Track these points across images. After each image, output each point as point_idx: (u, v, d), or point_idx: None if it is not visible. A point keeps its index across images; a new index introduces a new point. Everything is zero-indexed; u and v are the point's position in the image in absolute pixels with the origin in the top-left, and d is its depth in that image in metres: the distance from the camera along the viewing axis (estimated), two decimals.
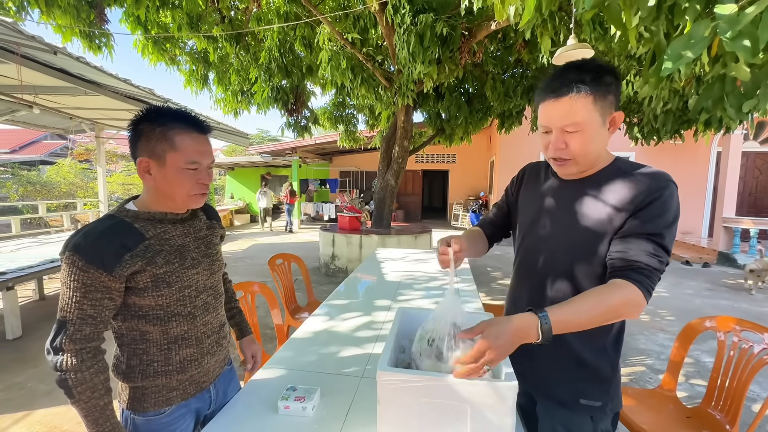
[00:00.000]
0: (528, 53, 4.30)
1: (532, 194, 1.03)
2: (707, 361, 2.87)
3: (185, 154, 0.85)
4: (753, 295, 4.95)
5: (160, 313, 0.88)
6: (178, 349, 0.92)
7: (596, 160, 0.88)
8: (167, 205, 0.91)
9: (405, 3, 3.46)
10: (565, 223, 0.91)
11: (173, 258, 0.89)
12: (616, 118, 0.83)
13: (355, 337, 1.54)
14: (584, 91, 0.79)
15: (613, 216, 0.83)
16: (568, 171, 0.89)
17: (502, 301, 4.48)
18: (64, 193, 11.27)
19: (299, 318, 2.50)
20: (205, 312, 0.97)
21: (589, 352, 0.91)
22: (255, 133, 30.26)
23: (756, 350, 1.33)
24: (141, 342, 0.89)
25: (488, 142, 12.02)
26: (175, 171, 0.85)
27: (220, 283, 1.06)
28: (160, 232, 0.89)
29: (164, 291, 0.87)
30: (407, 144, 5.44)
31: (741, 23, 0.89)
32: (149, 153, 0.85)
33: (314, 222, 12.64)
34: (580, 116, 0.80)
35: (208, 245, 1.01)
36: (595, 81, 0.79)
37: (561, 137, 0.83)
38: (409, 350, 0.96)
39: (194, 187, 0.89)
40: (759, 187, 8.50)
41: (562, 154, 0.85)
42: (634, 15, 1.19)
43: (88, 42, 4.20)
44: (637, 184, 0.82)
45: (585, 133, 0.81)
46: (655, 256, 0.78)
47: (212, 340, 0.99)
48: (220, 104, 5.99)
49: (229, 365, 1.13)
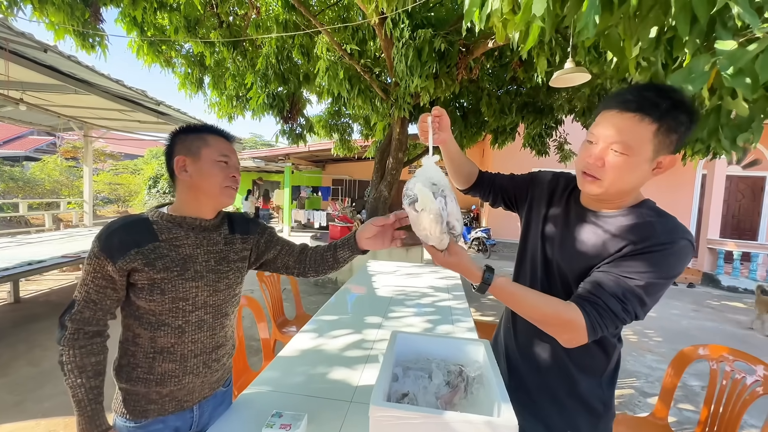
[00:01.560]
0: (523, 72, 4.37)
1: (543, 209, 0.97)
2: (694, 384, 2.88)
3: (217, 148, 0.92)
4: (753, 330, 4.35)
5: (151, 319, 0.88)
6: (162, 360, 0.89)
7: (624, 195, 0.81)
8: (198, 206, 0.93)
9: (404, 17, 3.50)
10: (571, 249, 0.87)
11: (174, 266, 0.87)
12: (665, 163, 0.75)
13: (345, 357, 1.50)
14: (653, 117, 0.71)
15: (609, 249, 0.79)
16: (591, 190, 0.80)
17: (492, 317, 4.48)
18: (48, 191, 10.98)
19: (287, 332, 2.43)
20: (197, 329, 0.92)
21: (584, 383, 0.90)
22: (248, 137, 30.12)
23: (748, 381, 1.33)
24: (132, 344, 0.90)
25: (481, 156, 12.15)
26: (210, 163, 0.90)
27: (228, 303, 0.99)
28: (173, 237, 0.89)
29: (156, 297, 0.86)
30: (402, 156, 5.45)
31: (742, 60, 0.90)
32: (185, 151, 0.90)
33: (305, 229, 12.53)
34: (634, 140, 0.72)
35: (221, 260, 0.96)
36: (669, 112, 0.71)
37: (603, 153, 0.76)
38: (402, 378, 0.93)
39: (226, 180, 0.92)
40: (742, 210, 8.73)
41: (595, 171, 0.77)
42: (635, 45, 1.21)
43: (82, 41, 4.13)
44: (649, 227, 0.77)
45: (629, 161, 0.74)
46: (622, 302, 0.73)
47: (200, 360, 0.94)
48: (214, 108, 5.94)
49: (225, 387, 1.08)
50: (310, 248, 1.13)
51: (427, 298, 2.36)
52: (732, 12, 1.06)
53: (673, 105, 0.71)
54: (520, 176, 1.10)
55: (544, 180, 1.02)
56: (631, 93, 0.74)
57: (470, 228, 9.87)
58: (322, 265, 1.09)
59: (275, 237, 1.12)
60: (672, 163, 0.76)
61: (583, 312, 0.73)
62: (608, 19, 1.19)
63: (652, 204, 0.83)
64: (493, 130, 6.01)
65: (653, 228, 0.77)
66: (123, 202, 14.19)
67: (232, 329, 1.06)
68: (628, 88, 0.76)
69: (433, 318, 1.99)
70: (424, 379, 0.93)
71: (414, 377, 0.94)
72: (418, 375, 0.93)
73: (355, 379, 1.31)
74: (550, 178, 1.02)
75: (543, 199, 0.98)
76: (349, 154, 7.31)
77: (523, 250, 1.02)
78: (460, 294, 2.43)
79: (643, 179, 0.78)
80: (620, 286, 0.74)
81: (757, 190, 8.62)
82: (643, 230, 0.77)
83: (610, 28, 1.28)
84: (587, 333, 0.73)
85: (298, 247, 1.13)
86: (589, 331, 0.73)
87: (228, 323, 1.01)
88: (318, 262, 1.09)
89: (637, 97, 0.73)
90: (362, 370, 1.38)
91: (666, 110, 0.71)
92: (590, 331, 0.73)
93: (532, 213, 1.01)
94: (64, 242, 4.47)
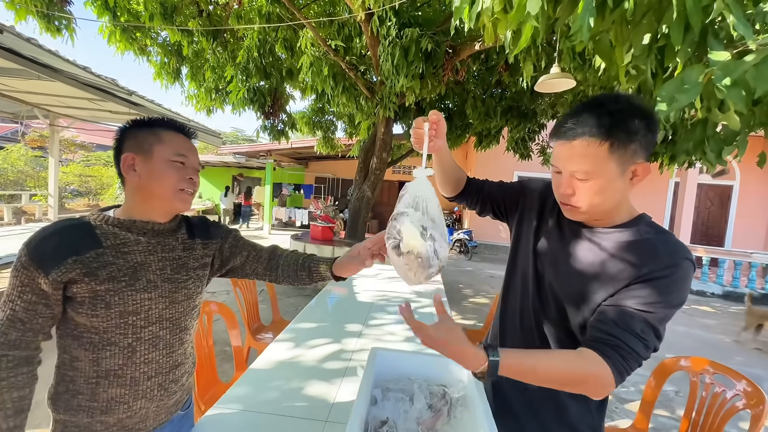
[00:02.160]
0: (509, 76, 4.38)
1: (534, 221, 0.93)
2: (668, 389, 2.94)
3: (173, 146, 0.82)
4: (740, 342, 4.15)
5: (94, 339, 0.76)
6: (107, 386, 0.78)
7: (611, 212, 0.78)
8: (148, 210, 0.83)
9: (391, 15, 3.43)
10: (566, 269, 0.82)
11: (121, 275, 0.76)
12: (639, 171, 0.72)
13: (322, 369, 1.42)
14: (599, 137, 0.68)
15: (616, 276, 0.74)
16: (574, 217, 0.80)
17: (473, 320, 4.47)
18: (11, 181, 10.35)
19: (262, 339, 2.32)
20: (151, 348, 0.81)
21: (574, 409, 0.85)
22: (229, 131, 29.39)
23: (728, 395, 1.33)
24: (70, 368, 0.78)
25: (465, 159, 12.22)
26: (162, 163, 0.80)
27: (188, 315, 0.89)
28: (120, 242, 0.78)
29: (100, 312, 0.74)
30: (386, 156, 5.38)
31: (737, 72, 0.87)
32: (135, 148, 0.80)
33: (286, 227, 12.30)
34: (590, 165, 0.70)
35: (179, 268, 0.86)
36: (616, 126, 0.68)
37: (569, 182, 0.74)
38: (381, 402, 0.86)
39: (181, 182, 0.82)
40: (710, 217, 9.12)
41: (569, 200, 0.76)
42: (626, 52, 1.18)
43: (46, 23, 3.86)
44: (651, 252, 0.72)
45: (596, 184, 0.71)
46: (642, 339, 0.68)
47: (154, 382, 0.83)
48: (192, 100, 5.69)
49: (184, 410, 0.96)
50: (282, 255, 1.04)
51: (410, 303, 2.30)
52: (724, 23, 1.04)
53: (617, 117, 0.68)
54: (510, 184, 1.05)
55: (535, 190, 0.97)
56: (568, 120, 0.72)
57: (452, 230, 9.90)
58: (297, 281, 1.01)
59: (241, 242, 1.03)
60: (647, 170, 0.72)
61: (606, 360, 0.67)
62: (600, 23, 1.15)
63: (648, 219, 0.80)
64: (478, 133, 6.03)
65: (655, 248, 0.73)
66: (94, 195, 13.56)
67: (192, 345, 0.95)
68: (564, 116, 0.74)
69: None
70: (405, 402, 0.86)
71: (394, 400, 0.87)
72: (399, 398, 0.87)
73: (331, 395, 1.23)
74: (541, 189, 0.96)
75: (534, 210, 0.94)
76: (333, 152, 7.19)
77: (513, 265, 0.97)
78: (442, 300, 2.38)
79: (623, 192, 0.75)
80: (637, 323, 0.69)
81: (725, 198, 9.02)
82: (644, 251, 0.73)
83: (602, 34, 1.25)
84: (615, 381, 0.67)
85: (266, 252, 1.04)
86: (617, 378, 0.67)
87: (187, 338, 0.91)
88: (291, 276, 1.01)
89: (576, 123, 0.71)
90: (339, 385, 1.30)
91: (611, 125, 0.68)
92: (617, 378, 0.67)
93: (522, 225, 0.96)
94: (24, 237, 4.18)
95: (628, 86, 1.51)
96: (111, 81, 3.96)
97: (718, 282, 6.75)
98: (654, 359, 3.70)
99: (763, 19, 0.95)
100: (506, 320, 0.97)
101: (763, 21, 0.95)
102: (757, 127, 1.13)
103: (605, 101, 0.71)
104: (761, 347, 4.14)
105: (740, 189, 8.85)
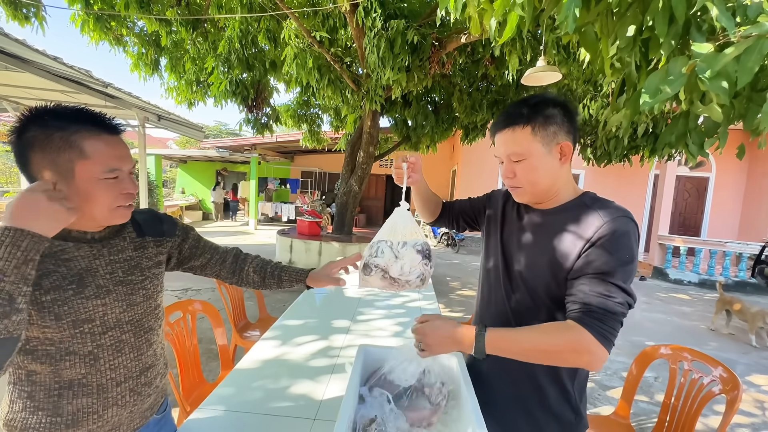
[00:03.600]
0: (495, 69, 4.39)
1: (498, 218, 1.02)
2: (648, 375, 3.04)
3: (101, 161, 0.70)
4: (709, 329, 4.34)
5: (50, 350, 0.70)
6: (72, 397, 0.73)
7: (551, 190, 0.87)
8: (78, 224, 0.74)
9: (377, 6, 3.37)
10: (528, 253, 0.90)
11: (67, 283, 0.70)
12: (563, 148, 0.84)
13: (309, 367, 1.40)
14: (521, 123, 0.83)
15: (569, 250, 0.81)
16: (521, 198, 0.91)
17: (460, 312, 4.52)
18: None
19: (248, 337, 2.28)
20: (116, 353, 0.77)
21: (553, 393, 0.88)
22: (213, 125, 28.75)
23: (705, 381, 1.37)
24: (26, 383, 0.71)
25: (451, 151, 12.27)
26: (90, 183, 0.70)
27: (150, 316, 0.85)
28: (57, 250, 0.71)
29: (50, 323, 0.69)
30: (372, 150, 5.34)
31: (719, 64, 0.88)
32: (50, 165, 0.67)
33: (272, 222, 12.14)
34: (519, 146, 0.84)
35: (132, 269, 0.81)
36: (533, 113, 0.82)
37: (509, 166, 0.87)
38: (370, 401, 0.85)
39: (117, 199, 0.74)
40: (688, 208, 9.42)
41: (511, 182, 0.89)
42: (612, 44, 1.18)
43: (13, 10, 3.67)
44: (593, 219, 0.80)
45: (528, 162, 0.84)
46: (608, 296, 0.73)
47: (125, 388, 0.79)
48: (172, 93, 5.51)
49: (160, 413, 0.93)
50: (247, 262, 1.04)
51: (397, 298, 2.30)
52: (706, 15, 1.05)
53: (534, 106, 0.83)
54: (477, 197, 1.17)
55: (498, 195, 1.08)
56: (503, 114, 0.88)
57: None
58: (263, 287, 1.02)
59: (201, 243, 1.00)
60: (568, 147, 0.84)
61: (585, 326, 0.72)
62: (586, 15, 1.15)
63: (591, 194, 0.89)
64: (464, 126, 6.03)
65: (595, 215, 0.81)
66: None
67: (162, 345, 0.92)
68: (499, 115, 0.89)
69: (403, 321, 1.93)
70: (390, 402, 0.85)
71: (380, 396, 0.86)
72: (385, 394, 0.85)
73: (319, 393, 1.22)
74: (504, 192, 1.07)
75: (498, 211, 1.03)
76: (319, 146, 7.09)
77: (486, 258, 1.03)
78: (430, 294, 2.39)
79: (555, 170, 0.85)
80: (598, 285, 0.74)
81: (702, 189, 9.32)
82: (587, 220, 0.81)
83: (587, 26, 1.25)
84: (602, 345, 0.71)
85: (230, 256, 1.03)
86: (601, 340, 0.71)
87: (155, 339, 0.87)
88: (257, 282, 1.01)
89: (504, 116, 0.87)
90: (328, 382, 1.29)
91: (529, 113, 0.82)
92: (603, 341, 0.71)
93: (490, 227, 1.05)
94: None
95: (613, 78, 1.52)
96: (85, 72, 3.78)
97: (694, 271, 6.99)
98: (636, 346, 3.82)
99: (744, 11, 0.96)
100: (484, 311, 1.02)
101: (744, 13, 0.96)
102: (737, 119, 1.15)
103: (524, 100, 0.85)
104: (734, 332, 4.32)
105: (716, 180, 9.16)
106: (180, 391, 1.51)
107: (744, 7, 0.99)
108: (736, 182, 9.06)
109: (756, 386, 3.06)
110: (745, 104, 1.14)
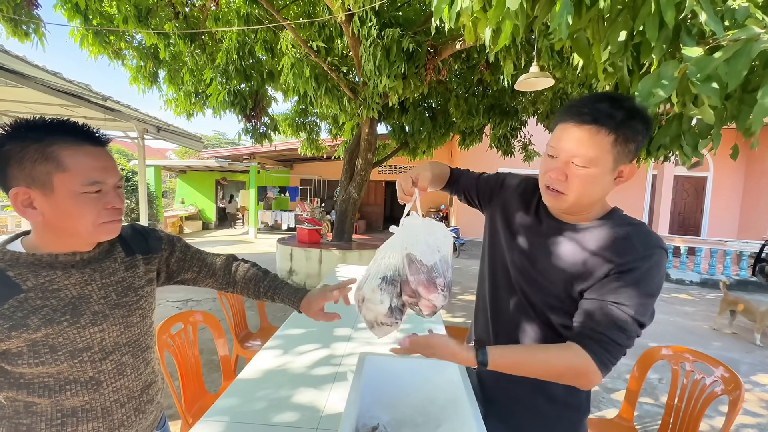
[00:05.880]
0: (490, 75, 4.43)
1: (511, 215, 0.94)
2: (652, 377, 3.02)
3: (80, 172, 0.64)
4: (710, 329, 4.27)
5: (48, 382, 0.68)
6: (77, 424, 0.70)
7: (590, 206, 0.80)
8: (66, 244, 0.70)
9: (372, 16, 3.41)
10: (543, 263, 0.84)
11: (60, 316, 0.66)
12: (626, 172, 0.75)
13: (311, 376, 1.39)
14: (609, 128, 0.70)
15: (593, 270, 0.76)
16: (557, 204, 0.80)
17: (462, 317, 4.50)
18: None
19: (250, 347, 2.28)
20: (118, 375, 0.76)
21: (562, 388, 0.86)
22: (211, 134, 28.88)
23: (708, 382, 1.37)
24: (25, 416, 0.68)
25: (449, 156, 12.31)
26: (70, 197, 0.64)
27: (147, 335, 0.84)
28: (45, 281, 0.67)
29: (46, 358, 0.65)
30: (371, 157, 5.37)
31: (710, 67, 0.89)
32: (27, 181, 0.63)
33: (272, 231, 12.14)
34: (594, 152, 0.71)
35: (124, 292, 0.78)
36: (625, 122, 0.70)
37: (564, 168, 0.74)
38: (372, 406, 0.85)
39: (101, 215, 0.68)
40: (687, 208, 9.44)
41: (558, 185, 0.76)
42: (604, 49, 1.20)
43: (13, 27, 3.71)
44: (626, 246, 0.74)
45: (590, 173, 0.72)
46: (623, 330, 0.71)
47: (129, 408, 0.78)
48: (171, 105, 5.56)
49: (159, 428, 0.92)
50: (239, 271, 1.01)
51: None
52: (695, 20, 1.07)
53: (628, 114, 0.70)
54: (488, 178, 1.08)
55: (511, 185, 1.00)
56: (586, 105, 0.73)
57: None
58: (258, 298, 1.02)
59: (189, 254, 0.96)
60: (632, 172, 0.76)
61: (590, 353, 0.71)
62: (578, 22, 1.17)
63: (621, 213, 0.83)
64: (461, 131, 6.08)
65: (629, 240, 0.75)
66: None
67: (158, 361, 0.91)
68: (581, 100, 0.75)
69: (404, 327, 1.92)
70: None
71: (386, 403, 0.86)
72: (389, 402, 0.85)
73: (321, 403, 1.21)
74: (517, 184, 0.99)
75: (510, 205, 0.95)
76: (318, 153, 7.13)
77: (488, 260, 0.99)
78: None
79: (606, 190, 0.77)
80: (617, 315, 0.71)
81: (700, 189, 9.35)
82: (619, 244, 0.75)
83: (579, 32, 1.27)
84: (601, 372, 0.71)
85: (220, 266, 1.00)
86: (602, 369, 0.70)
87: (152, 356, 0.86)
88: (251, 293, 1.01)
89: (592, 109, 0.71)
90: (329, 391, 1.29)
91: (621, 120, 0.70)
92: (602, 368, 0.71)
93: (497, 220, 0.98)
94: None
95: (606, 83, 1.54)
96: (84, 86, 3.82)
97: (695, 270, 6.97)
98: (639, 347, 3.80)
99: (732, 15, 0.98)
100: (479, 313, 1.00)
101: (732, 17, 0.98)
102: (729, 120, 1.16)
103: (620, 99, 0.72)
104: (737, 332, 4.30)
105: (714, 180, 9.19)
106: (182, 403, 1.50)
107: (732, 11, 1.01)
108: (734, 181, 9.09)
109: (761, 386, 3.04)
110: (737, 105, 1.15)
